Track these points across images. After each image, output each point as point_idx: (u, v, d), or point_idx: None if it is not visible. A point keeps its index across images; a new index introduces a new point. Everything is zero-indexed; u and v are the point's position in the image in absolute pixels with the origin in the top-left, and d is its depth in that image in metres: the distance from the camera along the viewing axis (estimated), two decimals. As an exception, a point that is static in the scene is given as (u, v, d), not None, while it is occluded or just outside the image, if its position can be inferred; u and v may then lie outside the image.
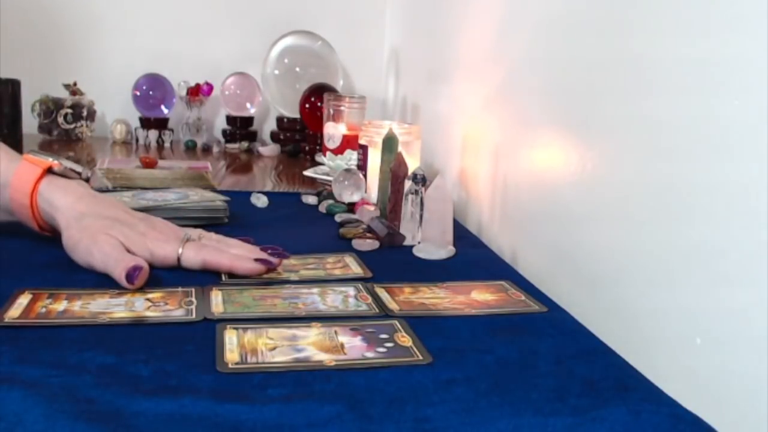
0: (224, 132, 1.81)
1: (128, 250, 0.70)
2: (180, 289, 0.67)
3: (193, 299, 0.65)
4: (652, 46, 0.61)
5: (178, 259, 0.72)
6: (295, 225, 0.98)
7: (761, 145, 0.46)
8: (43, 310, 0.61)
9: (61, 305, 0.62)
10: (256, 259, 0.72)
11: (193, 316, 0.61)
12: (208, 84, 1.81)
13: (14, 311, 0.60)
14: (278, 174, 1.46)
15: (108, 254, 0.69)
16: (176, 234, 0.74)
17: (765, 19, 0.46)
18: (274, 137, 1.79)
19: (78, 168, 0.79)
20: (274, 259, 0.73)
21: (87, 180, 0.80)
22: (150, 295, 0.65)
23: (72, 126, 1.74)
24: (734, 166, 0.50)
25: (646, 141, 0.61)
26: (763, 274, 0.46)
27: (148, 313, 0.61)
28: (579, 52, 0.75)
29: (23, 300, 0.63)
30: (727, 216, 0.50)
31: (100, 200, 0.76)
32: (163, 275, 0.70)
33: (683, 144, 0.55)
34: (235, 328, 0.58)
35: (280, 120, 1.79)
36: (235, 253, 0.73)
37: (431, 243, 0.84)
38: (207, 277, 0.71)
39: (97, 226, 0.71)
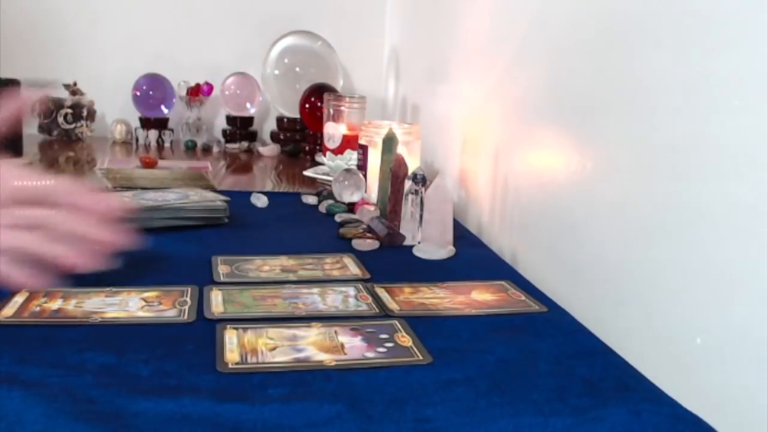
0: (224, 132, 1.81)
1: None
2: (176, 288, 0.68)
3: (188, 299, 0.65)
4: (653, 43, 0.61)
5: None
6: (295, 225, 0.98)
7: (761, 143, 0.46)
8: (37, 309, 0.61)
9: (55, 304, 0.62)
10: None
11: (185, 317, 0.61)
12: (208, 84, 1.81)
13: (8, 310, 0.60)
14: (278, 174, 1.46)
15: None
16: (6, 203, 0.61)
17: (765, 18, 0.46)
18: (274, 137, 1.79)
19: None
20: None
21: None
22: (145, 294, 0.66)
23: (72, 126, 1.74)
24: (735, 165, 0.50)
25: (647, 140, 0.61)
26: (764, 274, 0.46)
27: (140, 313, 0.61)
28: (579, 51, 0.75)
29: (19, 299, 0.63)
30: (727, 214, 0.50)
31: None
32: (162, 274, 0.70)
33: (684, 143, 0.55)
34: (235, 328, 0.58)
35: (280, 120, 1.79)
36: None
37: (431, 243, 0.84)
38: (205, 276, 0.71)
39: None
